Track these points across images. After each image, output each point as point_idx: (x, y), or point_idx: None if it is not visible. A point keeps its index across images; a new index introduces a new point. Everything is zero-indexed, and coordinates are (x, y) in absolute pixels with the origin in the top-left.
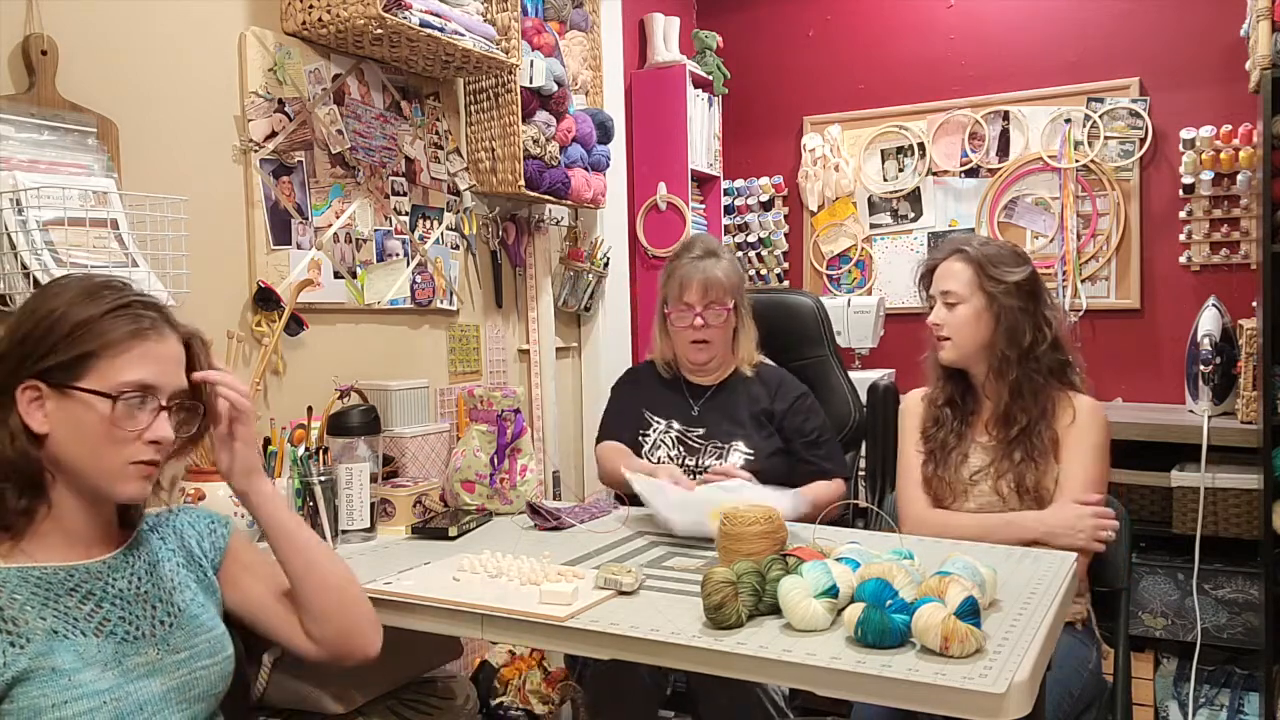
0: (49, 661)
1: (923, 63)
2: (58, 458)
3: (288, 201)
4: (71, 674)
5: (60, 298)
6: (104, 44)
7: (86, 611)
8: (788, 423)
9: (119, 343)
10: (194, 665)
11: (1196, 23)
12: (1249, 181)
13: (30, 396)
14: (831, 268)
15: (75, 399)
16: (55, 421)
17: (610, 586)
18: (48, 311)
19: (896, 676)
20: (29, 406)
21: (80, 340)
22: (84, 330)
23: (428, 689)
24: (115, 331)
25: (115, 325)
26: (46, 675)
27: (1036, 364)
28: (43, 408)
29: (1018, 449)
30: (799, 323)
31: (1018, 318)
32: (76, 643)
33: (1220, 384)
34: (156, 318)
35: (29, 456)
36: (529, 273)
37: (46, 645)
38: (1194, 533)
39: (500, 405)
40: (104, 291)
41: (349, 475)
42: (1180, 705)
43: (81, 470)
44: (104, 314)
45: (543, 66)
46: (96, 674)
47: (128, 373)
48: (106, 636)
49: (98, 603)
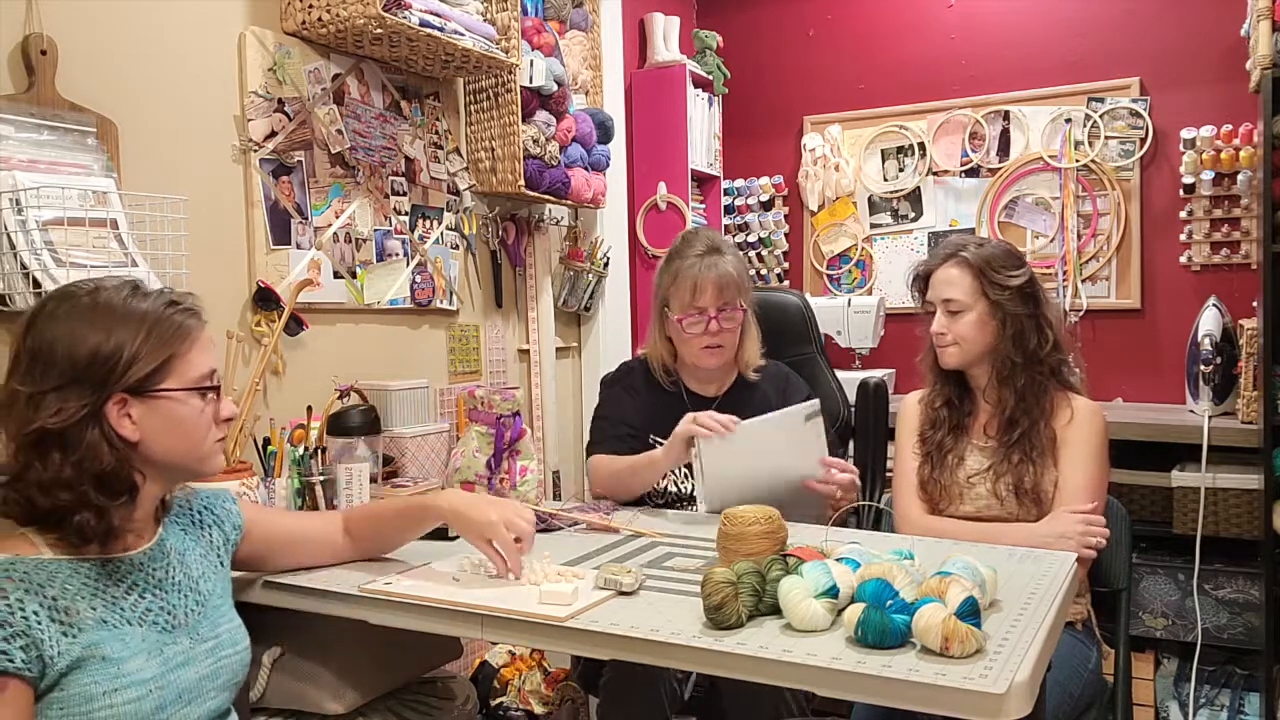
0: (99, 650)
1: (923, 63)
2: (151, 457)
3: (287, 201)
4: (120, 663)
5: (114, 307)
6: (104, 44)
7: (131, 602)
8: None
9: (185, 338)
10: (219, 654)
11: (1197, 23)
12: (1249, 181)
13: (118, 409)
14: (832, 268)
15: (164, 399)
16: (145, 425)
17: (610, 587)
18: (116, 323)
19: (897, 677)
20: (119, 418)
21: (159, 345)
22: (156, 334)
23: (428, 689)
24: (181, 329)
25: (178, 323)
26: (97, 664)
27: (1040, 366)
28: (130, 416)
29: (1016, 451)
30: (786, 321)
31: (1023, 323)
32: (123, 632)
33: (1221, 384)
34: (195, 308)
35: (129, 465)
36: (529, 273)
37: (96, 635)
38: (1194, 533)
39: (500, 409)
40: (141, 292)
41: (348, 475)
42: (1180, 705)
43: (177, 462)
44: (164, 312)
45: (543, 66)
46: (142, 663)
47: (200, 364)
48: (149, 626)
49: (140, 593)
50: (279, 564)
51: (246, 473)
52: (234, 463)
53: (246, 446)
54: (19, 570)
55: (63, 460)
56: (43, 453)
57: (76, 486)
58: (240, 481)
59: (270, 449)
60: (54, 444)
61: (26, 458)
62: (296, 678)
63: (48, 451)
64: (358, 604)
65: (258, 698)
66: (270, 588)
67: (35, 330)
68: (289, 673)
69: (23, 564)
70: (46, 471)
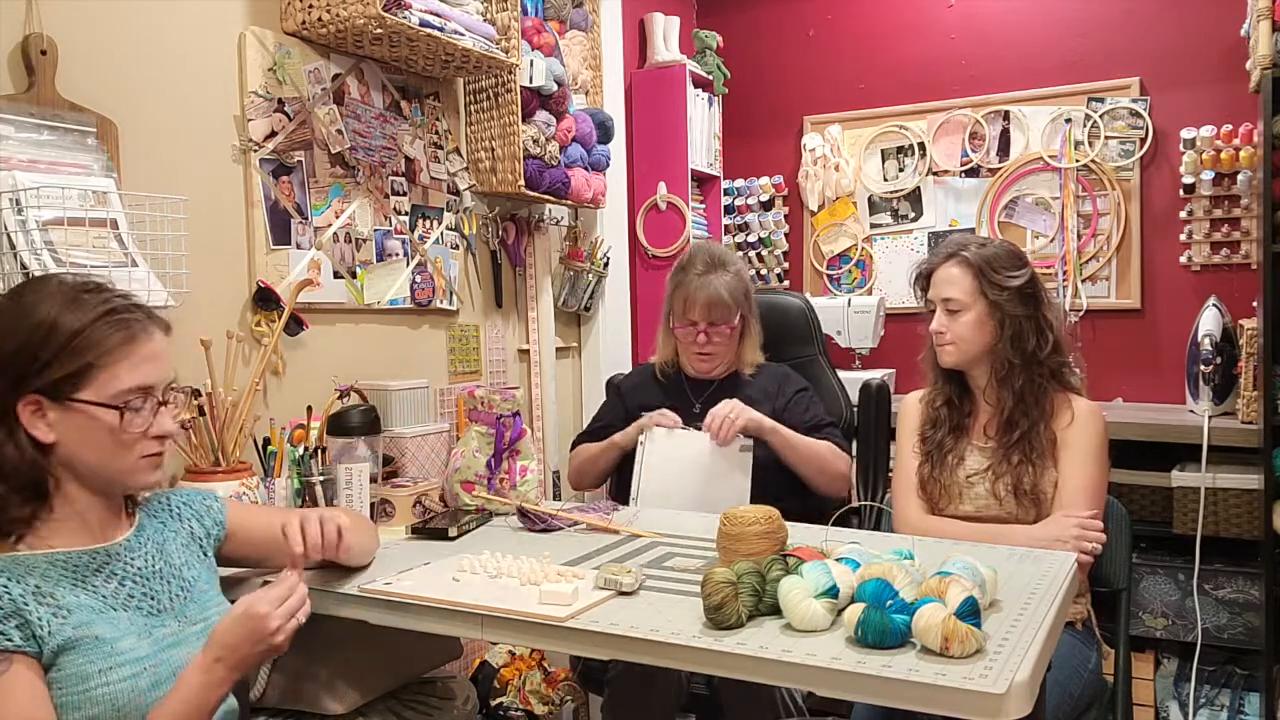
0: (91, 630)
1: (923, 63)
2: (69, 461)
3: (287, 201)
4: (113, 642)
5: (45, 306)
6: (104, 44)
7: (112, 589)
8: (787, 416)
9: (114, 350)
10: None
11: (1196, 23)
12: (1249, 181)
13: (31, 410)
14: (831, 268)
15: (79, 410)
16: (61, 430)
17: (610, 587)
18: (37, 323)
19: (897, 677)
20: (32, 419)
21: (77, 353)
22: (78, 341)
23: (428, 689)
24: (109, 340)
25: (108, 333)
26: (91, 643)
27: (1040, 368)
28: (45, 418)
29: (1016, 452)
30: (788, 323)
31: (1022, 324)
32: (110, 616)
33: (1221, 384)
34: (142, 317)
35: (38, 465)
36: (529, 273)
37: (86, 616)
38: (1194, 533)
39: (500, 409)
40: (85, 295)
41: (348, 475)
42: (1180, 705)
43: (95, 471)
44: (94, 321)
45: (543, 66)
46: (134, 643)
47: (127, 379)
48: (134, 611)
49: (120, 580)
50: (267, 566)
51: (246, 473)
52: (234, 463)
53: (246, 447)
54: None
55: None
56: None
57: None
58: (240, 481)
59: (270, 449)
60: None
61: None
62: (296, 678)
63: None
64: (358, 604)
65: (258, 697)
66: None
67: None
68: (289, 673)
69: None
70: None
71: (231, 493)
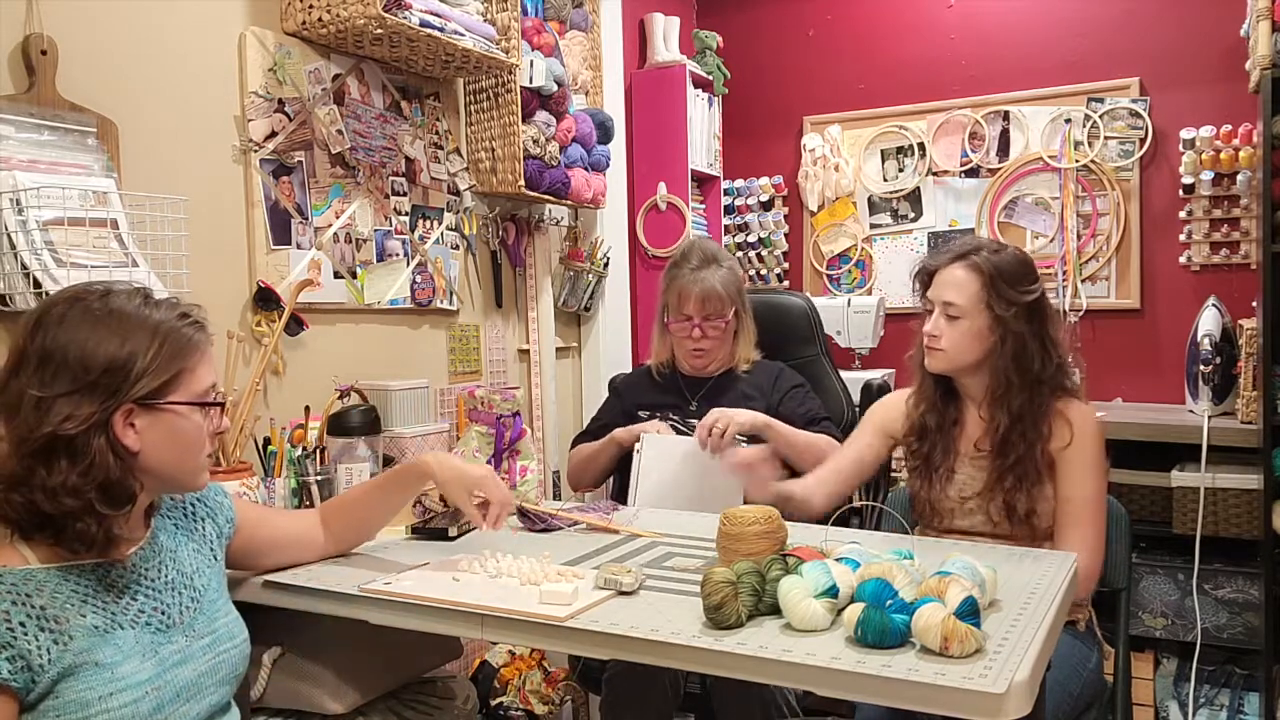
0: (92, 656)
1: (923, 63)
2: (149, 468)
3: (288, 201)
4: (114, 667)
5: (129, 315)
6: (104, 44)
7: (123, 605)
8: (783, 410)
9: (194, 352)
10: (218, 649)
11: (1196, 23)
12: (1249, 181)
13: (124, 418)
14: (831, 268)
15: (169, 412)
16: (147, 437)
17: (610, 586)
18: (130, 332)
19: (896, 676)
20: (125, 429)
21: (171, 358)
22: (170, 346)
23: (428, 689)
24: (191, 342)
25: (190, 335)
26: (91, 670)
27: (1041, 387)
28: (134, 426)
29: (1010, 475)
30: (790, 323)
31: (1026, 342)
32: (116, 636)
33: (1220, 384)
34: (203, 321)
35: (131, 475)
36: (529, 273)
37: (89, 641)
38: (1194, 533)
39: (500, 409)
40: (153, 302)
41: (349, 475)
42: (1180, 705)
43: (170, 474)
44: (178, 326)
45: (543, 66)
46: (137, 665)
47: (205, 379)
48: (143, 628)
49: (133, 595)
50: (264, 565)
51: (246, 473)
52: (234, 463)
53: (246, 446)
54: (6, 582)
55: (70, 467)
56: (50, 459)
57: (83, 494)
58: (240, 481)
59: (270, 449)
60: (62, 451)
61: (32, 463)
62: (296, 678)
63: (55, 458)
64: (358, 604)
65: (258, 697)
66: (270, 587)
67: (45, 332)
68: (289, 673)
69: (10, 575)
70: (52, 478)
71: (232, 493)
